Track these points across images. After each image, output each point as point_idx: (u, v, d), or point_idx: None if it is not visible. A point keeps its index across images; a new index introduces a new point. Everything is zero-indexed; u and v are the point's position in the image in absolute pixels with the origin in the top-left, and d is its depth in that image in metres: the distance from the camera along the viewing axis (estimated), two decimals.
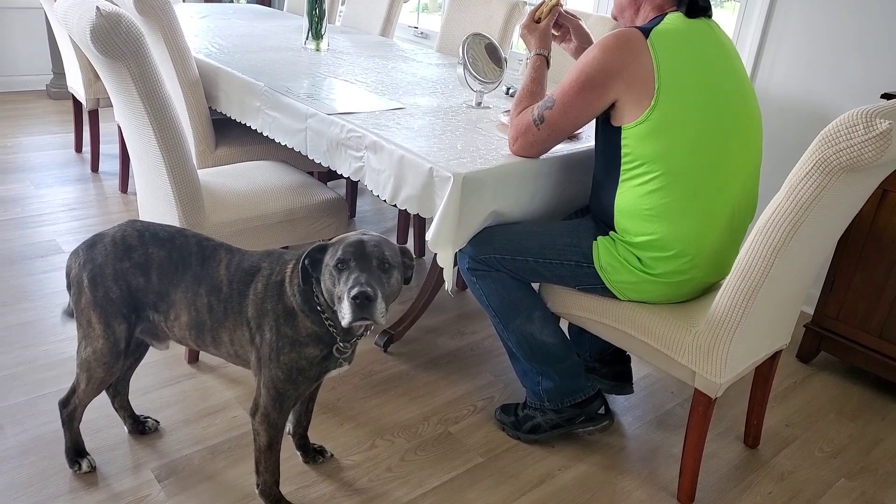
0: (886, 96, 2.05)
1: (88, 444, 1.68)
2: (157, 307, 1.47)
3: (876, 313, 2.14)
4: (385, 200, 1.83)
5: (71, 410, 1.58)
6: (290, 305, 1.39)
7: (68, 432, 1.61)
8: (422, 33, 4.36)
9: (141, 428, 1.77)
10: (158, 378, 1.99)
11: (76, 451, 1.64)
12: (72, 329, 2.17)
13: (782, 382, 2.26)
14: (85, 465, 1.63)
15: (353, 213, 3.25)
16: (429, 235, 1.68)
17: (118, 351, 1.49)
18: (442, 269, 2.17)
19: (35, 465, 1.65)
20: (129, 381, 1.74)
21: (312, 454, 1.74)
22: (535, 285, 1.85)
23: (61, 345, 2.08)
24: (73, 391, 1.57)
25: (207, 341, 1.48)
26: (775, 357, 1.83)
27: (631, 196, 1.59)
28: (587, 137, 1.95)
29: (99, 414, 1.82)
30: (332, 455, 1.76)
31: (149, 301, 1.47)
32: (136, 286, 1.45)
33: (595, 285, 1.69)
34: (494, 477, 1.76)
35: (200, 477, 1.66)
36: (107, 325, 1.46)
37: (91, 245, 1.47)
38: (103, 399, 1.87)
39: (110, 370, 1.51)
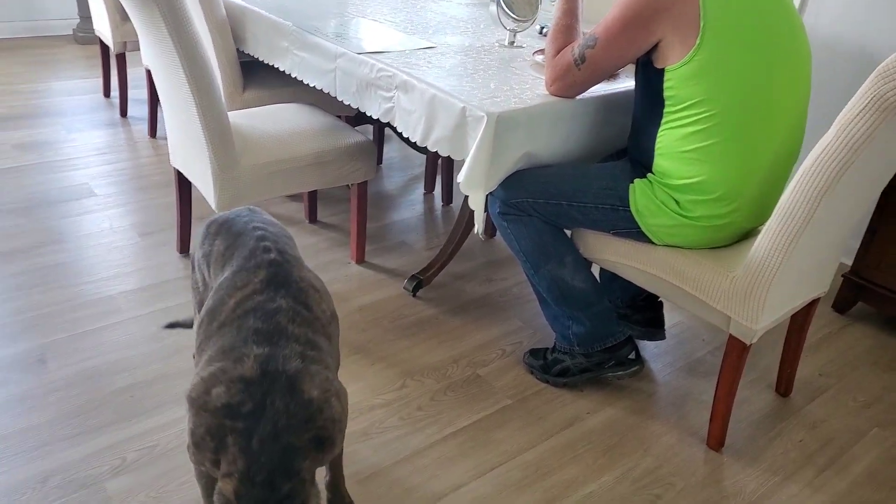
0: None
1: (126, 380, 1.72)
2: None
3: None
4: (416, 142, 1.80)
5: None
6: None
7: None
8: None
9: None
10: None
11: None
12: (111, 267, 2.21)
13: (816, 332, 2.23)
14: None
15: (380, 160, 3.22)
16: (460, 177, 1.65)
17: None
18: (471, 215, 2.17)
19: (80, 397, 1.69)
20: None
21: None
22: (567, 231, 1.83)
23: (96, 285, 2.12)
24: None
25: (201, 338, 1.25)
26: (812, 305, 1.80)
27: (673, 138, 1.55)
28: (626, 77, 1.90)
29: (137, 352, 1.86)
30: None
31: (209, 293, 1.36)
32: (205, 276, 1.36)
33: (630, 229, 1.66)
34: (523, 418, 1.77)
35: None
36: (197, 309, 1.42)
37: (203, 225, 1.40)
38: (142, 335, 1.91)
39: None
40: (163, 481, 1.50)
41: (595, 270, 1.87)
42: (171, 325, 1.74)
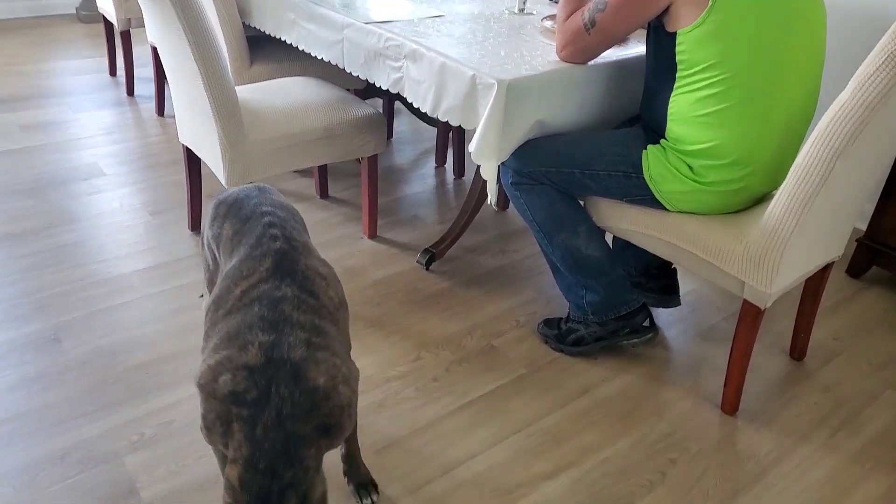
0: None
1: (141, 357, 1.74)
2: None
3: None
4: (426, 112, 1.79)
5: None
6: None
7: None
8: None
9: None
10: None
11: None
12: (123, 246, 2.22)
13: (831, 297, 2.22)
14: None
15: (390, 134, 3.21)
16: (472, 147, 1.64)
17: None
18: (483, 187, 2.16)
19: (95, 375, 1.71)
20: None
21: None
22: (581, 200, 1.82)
23: (108, 264, 2.13)
24: None
25: (207, 324, 1.26)
26: (826, 269, 1.79)
27: (685, 103, 1.53)
28: (637, 42, 1.87)
29: (151, 329, 1.87)
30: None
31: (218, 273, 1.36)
32: (214, 256, 1.36)
33: (643, 196, 1.64)
34: (538, 387, 1.78)
35: None
36: (208, 287, 1.42)
37: (212, 204, 1.39)
38: (156, 313, 1.92)
39: None
40: (181, 455, 1.52)
41: (608, 239, 1.86)
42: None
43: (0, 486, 1.42)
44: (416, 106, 1.82)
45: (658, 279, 2.01)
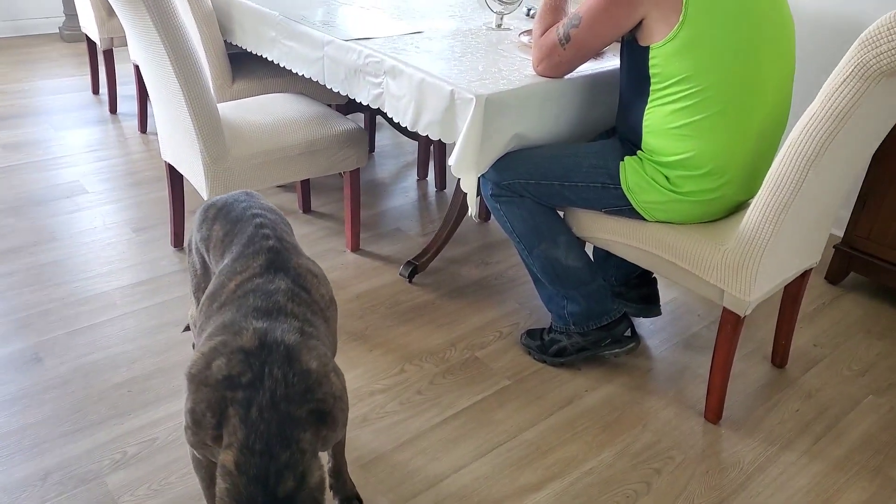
0: None
1: (123, 375, 1.73)
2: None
3: None
4: (406, 127, 1.80)
5: None
6: None
7: None
8: None
9: None
10: None
11: None
12: (105, 263, 2.21)
13: (811, 304, 2.24)
14: None
15: (372, 148, 3.22)
16: (451, 160, 1.66)
17: None
18: (464, 199, 2.17)
19: (77, 394, 1.70)
20: None
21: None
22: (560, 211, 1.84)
23: (91, 281, 2.12)
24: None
25: (199, 320, 1.28)
26: (805, 276, 1.81)
27: (660, 115, 1.55)
28: (612, 55, 1.90)
29: (134, 346, 1.86)
30: None
31: (209, 277, 1.38)
32: (204, 260, 1.37)
33: (621, 207, 1.66)
34: (522, 398, 1.78)
35: None
36: (194, 294, 1.42)
37: (199, 209, 1.40)
38: (139, 330, 1.91)
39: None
40: (163, 474, 1.51)
41: (589, 250, 1.88)
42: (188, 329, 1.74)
43: None
44: (396, 121, 1.84)
45: (638, 289, 2.03)
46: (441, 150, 2.83)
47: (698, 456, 1.65)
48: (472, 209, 1.76)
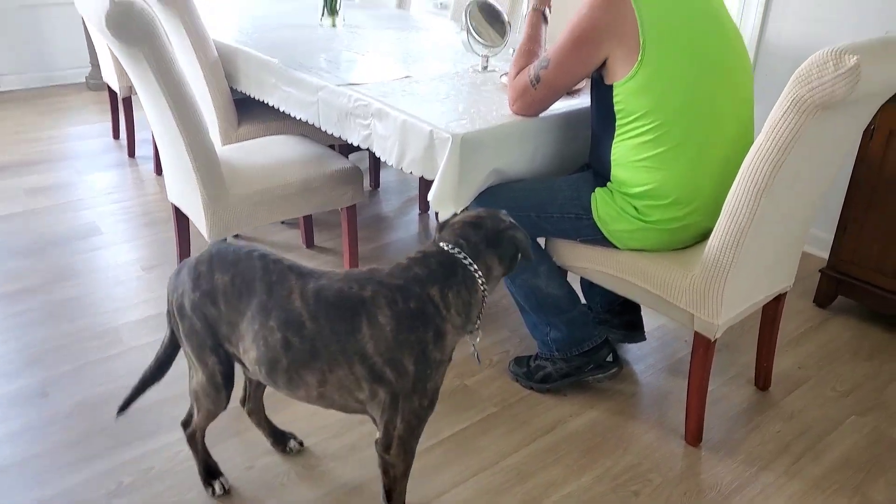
0: None
1: (145, 429, 1.80)
2: (230, 339, 1.36)
3: (891, 254, 2.13)
4: (392, 165, 1.90)
5: (191, 433, 1.55)
6: (442, 328, 1.28)
7: (194, 454, 1.58)
8: (441, 4, 4.38)
9: (282, 447, 1.72)
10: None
11: (208, 473, 1.60)
12: (115, 300, 2.33)
13: (798, 327, 2.27)
14: (217, 487, 1.59)
15: (377, 184, 3.34)
16: (430, 195, 1.75)
17: (216, 383, 1.42)
18: None
19: (79, 427, 1.79)
20: (261, 398, 1.68)
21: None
22: (542, 241, 1.91)
23: (104, 317, 2.24)
24: (190, 415, 1.55)
25: (280, 382, 1.33)
26: (780, 298, 1.85)
27: (625, 148, 1.63)
28: (587, 94, 1.98)
29: (137, 380, 1.96)
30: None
31: (222, 332, 1.36)
32: (211, 316, 1.35)
33: (595, 236, 1.73)
34: (507, 425, 1.84)
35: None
36: (199, 358, 1.40)
37: (177, 273, 1.40)
38: (143, 364, 2.01)
39: (215, 402, 1.46)
40: (158, 501, 1.58)
41: (575, 280, 1.94)
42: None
43: None
44: (383, 159, 1.94)
45: (622, 315, 2.08)
46: None
47: (677, 478, 1.68)
48: None
